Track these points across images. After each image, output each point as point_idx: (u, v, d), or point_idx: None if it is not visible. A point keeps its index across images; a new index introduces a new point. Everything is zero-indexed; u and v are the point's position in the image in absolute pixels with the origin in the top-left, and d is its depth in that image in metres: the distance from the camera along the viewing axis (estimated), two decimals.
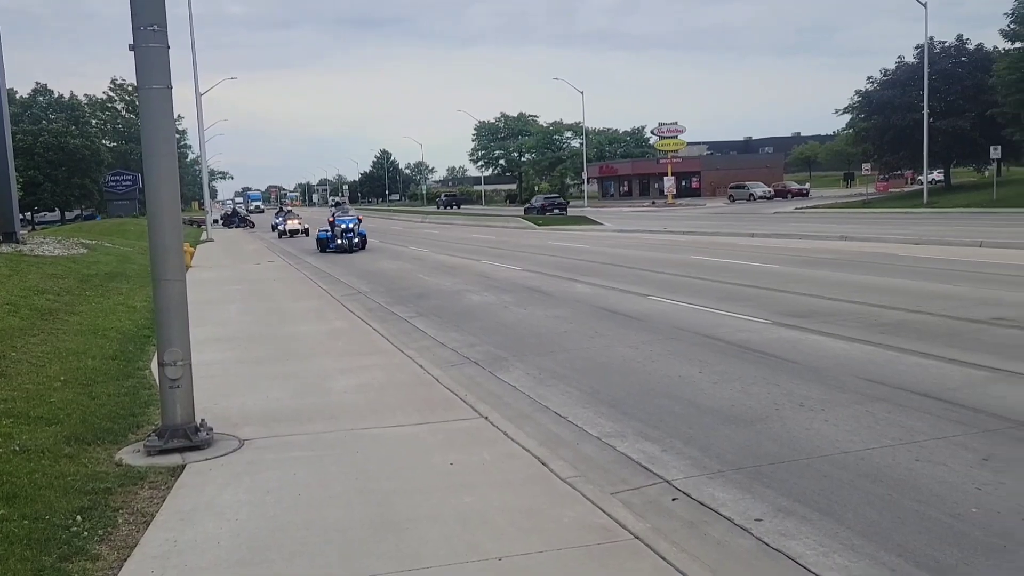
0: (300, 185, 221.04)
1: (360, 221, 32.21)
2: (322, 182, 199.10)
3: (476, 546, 4.76)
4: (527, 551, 4.67)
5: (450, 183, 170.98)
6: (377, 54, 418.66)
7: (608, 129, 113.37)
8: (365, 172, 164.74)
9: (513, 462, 6.24)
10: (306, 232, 44.32)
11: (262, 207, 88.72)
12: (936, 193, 53.52)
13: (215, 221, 70.16)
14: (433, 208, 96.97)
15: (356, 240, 31.13)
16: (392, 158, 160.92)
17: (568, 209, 66.21)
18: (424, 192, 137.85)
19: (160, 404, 6.96)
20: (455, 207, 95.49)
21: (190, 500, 5.64)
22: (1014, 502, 5.21)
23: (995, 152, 45.62)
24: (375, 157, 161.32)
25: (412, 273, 22.52)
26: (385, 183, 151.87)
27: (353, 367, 9.78)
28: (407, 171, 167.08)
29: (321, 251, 31.52)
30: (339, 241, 31.04)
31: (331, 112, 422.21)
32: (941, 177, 62.56)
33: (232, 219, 68.96)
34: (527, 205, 74.43)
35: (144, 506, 5.53)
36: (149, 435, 6.78)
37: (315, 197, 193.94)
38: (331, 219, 32.11)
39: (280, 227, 46.41)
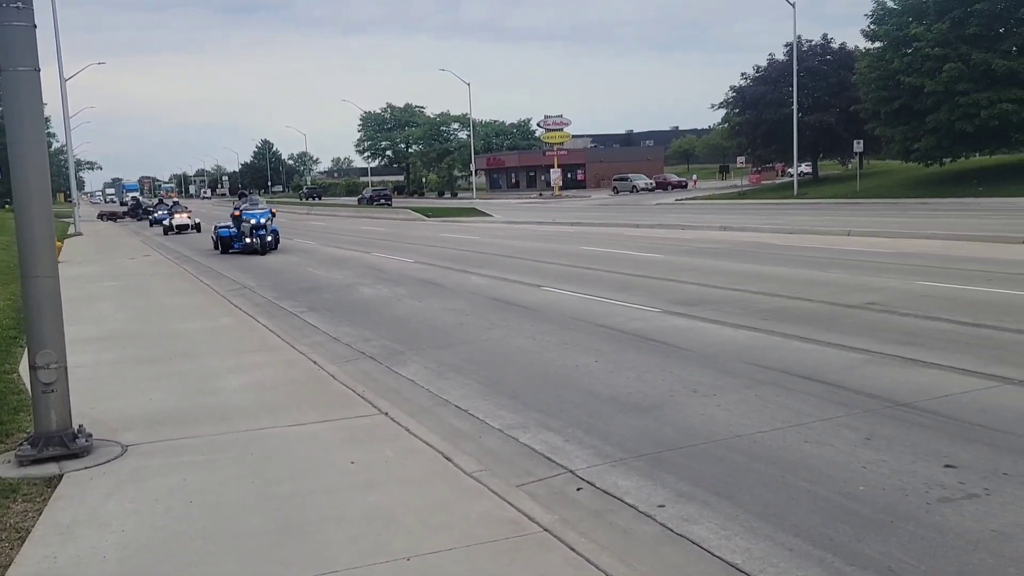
0: (175, 176, 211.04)
1: (274, 215, 27.28)
2: (200, 173, 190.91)
3: (383, 546, 4.64)
4: (436, 549, 4.58)
5: (336, 174, 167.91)
6: (255, 40, 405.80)
7: (495, 121, 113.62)
8: (246, 163, 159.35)
9: (416, 458, 6.13)
10: (197, 228, 40.64)
11: (140, 198, 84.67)
12: (805, 185, 56.42)
13: (122, 215, 67.28)
14: (325, 200, 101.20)
15: (270, 239, 25.96)
16: (275, 148, 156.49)
17: (393, 201, 75.35)
18: (308, 183, 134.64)
19: (32, 410, 6.48)
20: (316, 198, 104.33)
21: (70, 512, 5.26)
22: (896, 479, 5.50)
23: (858, 146, 48.58)
24: (256, 147, 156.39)
25: (301, 266, 21.92)
26: (268, 174, 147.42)
27: (243, 365, 9.40)
28: (291, 162, 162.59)
29: (222, 251, 26.60)
30: (248, 240, 25.86)
31: (208, 101, 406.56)
32: (809, 170, 66.08)
33: (136, 211, 65.59)
34: (359, 196, 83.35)
35: (18, 521, 5.12)
36: (21, 444, 6.30)
37: (192, 188, 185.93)
38: (236, 213, 26.89)
39: (165, 222, 42.06)
